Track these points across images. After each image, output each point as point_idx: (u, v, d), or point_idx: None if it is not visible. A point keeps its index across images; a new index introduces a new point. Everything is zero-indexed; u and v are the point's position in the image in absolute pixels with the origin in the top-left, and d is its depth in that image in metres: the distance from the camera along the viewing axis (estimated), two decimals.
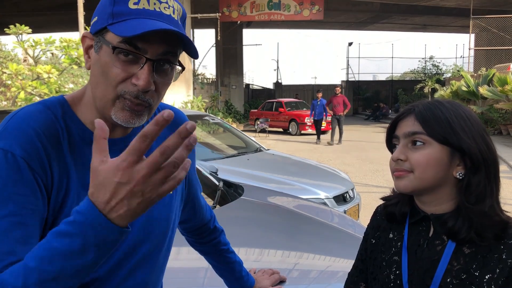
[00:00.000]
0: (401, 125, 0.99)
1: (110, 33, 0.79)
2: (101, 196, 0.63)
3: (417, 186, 0.94)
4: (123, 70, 0.79)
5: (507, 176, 8.17)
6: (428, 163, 0.93)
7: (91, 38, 0.85)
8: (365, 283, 1.14)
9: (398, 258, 1.02)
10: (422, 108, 0.96)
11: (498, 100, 13.70)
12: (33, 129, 0.78)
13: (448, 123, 0.93)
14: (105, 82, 0.80)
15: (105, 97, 0.81)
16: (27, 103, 6.01)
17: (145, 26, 0.76)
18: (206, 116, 5.99)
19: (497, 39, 18.98)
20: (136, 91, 0.80)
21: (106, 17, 0.80)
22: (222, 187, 2.65)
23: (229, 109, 22.37)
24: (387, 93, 31.81)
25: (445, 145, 0.93)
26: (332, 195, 4.07)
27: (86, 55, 0.86)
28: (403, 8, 24.11)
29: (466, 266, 0.91)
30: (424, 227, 1.00)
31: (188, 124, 0.60)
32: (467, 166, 0.93)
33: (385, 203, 1.10)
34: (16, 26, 6.46)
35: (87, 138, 0.85)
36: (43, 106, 0.84)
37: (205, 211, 1.25)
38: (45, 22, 23.18)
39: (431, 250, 0.97)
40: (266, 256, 1.92)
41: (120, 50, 0.78)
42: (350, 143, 13.72)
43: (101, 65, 0.81)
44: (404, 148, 0.96)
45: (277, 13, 18.40)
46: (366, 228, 1.17)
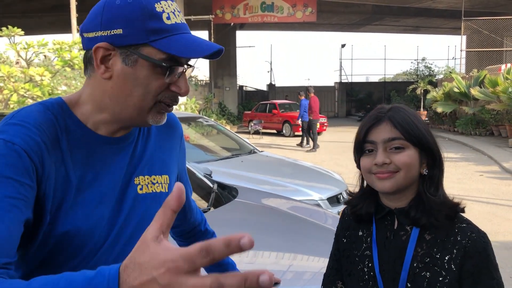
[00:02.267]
0: (376, 131, 1.06)
1: (150, 48, 0.83)
2: (131, 278, 0.53)
3: (401, 184, 1.04)
4: (165, 81, 0.86)
5: (499, 176, 8.24)
6: (411, 163, 1.03)
7: (109, 48, 0.83)
8: (341, 281, 1.21)
9: (369, 252, 1.12)
10: (393, 116, 1.06)
11: (490, 101, 13.82)
12: (33, 126, 0.81)
13: (416, 127, 1.05)
14: (144, 94, 0.85)
15: (142, 106, 0.86)
16: (19, 105, 5.98)
17: (200, 50, 0.84)
18: (199, 118, 6.00)
19: (488, 41, 19.13)
20: (176, 96, 0.89)
21: (145, 34, 0.82)
22: (216, 189, 2.65)
23: (223, 111, 22.36)
24: (380, 94, 31.93)
25: (417, 147, 1.04)
26: (326, 197, 4.09)
27: (102, 66, 0.85)
28: (395, 10, 24.24)
29: (428, 250, 1.03)
30: (389, 221, 1.11)
31: (245, 239, 0.50)
32: (429, 163, 1.06)
33: (351, 209, 1.17)
34: (8, 28, 6.42)
35: (87, 137, 0.88)
36: (43, 106, 0.86)
37: (196, 213, 1.27)
38: (37, 24, 23.05)
39: (398, 240, 1.08)
40: (260, 258, 1.92)
41: (170, 69, 0.84)
42: (343, 144, 13.76)
43: (137, 77, 0.84)
44: (385, 152, 1.04)
45: (270, 15, 18.44)
46: (336, 229, 1.25)
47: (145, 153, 0.99)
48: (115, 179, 0.92)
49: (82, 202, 0.86)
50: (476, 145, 12.05)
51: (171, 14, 0.85)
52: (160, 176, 1.01)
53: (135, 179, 0.95)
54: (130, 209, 0.94)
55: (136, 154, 0.97)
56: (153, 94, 0.86)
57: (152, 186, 0.98)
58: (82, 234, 0.86)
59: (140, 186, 0.96)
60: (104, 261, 0.90)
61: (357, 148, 1.11)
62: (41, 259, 0.86)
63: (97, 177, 0.89)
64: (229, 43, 25.28)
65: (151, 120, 0.89)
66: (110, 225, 0.90)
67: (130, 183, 0.94)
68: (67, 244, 0.85)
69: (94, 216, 0.87)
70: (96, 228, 0.88)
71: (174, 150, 1.08)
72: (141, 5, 0.82)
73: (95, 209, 0.88)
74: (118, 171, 0.92)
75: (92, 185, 0.88)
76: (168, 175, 1.04)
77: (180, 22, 0.86)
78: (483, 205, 5.98)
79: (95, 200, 0.88)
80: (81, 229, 0.85)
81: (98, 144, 0.90)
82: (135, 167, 0.96)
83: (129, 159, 0.95)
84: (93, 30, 0.84)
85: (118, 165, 0.93)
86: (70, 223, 0.84)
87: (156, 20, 0.82)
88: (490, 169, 9.05)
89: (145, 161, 0.98)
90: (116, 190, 0.92)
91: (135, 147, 0.97)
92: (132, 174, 0.95)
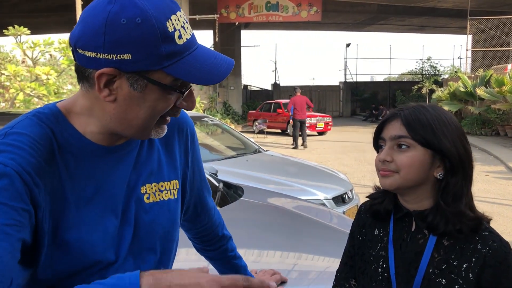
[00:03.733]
0: (388, 128, 1.05)
1: (161, 73, 0.77)
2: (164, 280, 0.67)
3: (401, 184, 1.02)
4: (173, 101, 0.82)
5: (505, 176, 8.21)
6: (412, 165, 1.00)
7: (114, 74, 0.76)
8: (355, 278, 1.19)
9: (385, 252, 1.09)
10: (407, 113, 1.03)
11: (496, 101, 13.76)
12: (27, 145, 0.76)
13: (431, 128, 1.00)
14: (152, 115, 0.81)
15: (148, 126, 0.83)
16: (25, 104, 6.01)
17: (214, 76, 0.81)
18: (204, 118, 6.00)
19: (494, 40, 19.03)
20: (177, 111, 0.86)
21: (157, 59, 0.75)
22: (222, 188, 2.65)
23: (227, 110, 22.36)
24: (385, 94, 31.83)
25: (427, 148, 1.00)
26: (331, 196, 4.08)
27: (106, 89, 0.77)
28: (401, 9, 24.15)
29: (446, 256, 1.00)
30: (407, 223, 1.08)
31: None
32: (446, 168, 1.01)
33: (370, 202, 1.16)
34: (14, 28, 6.46)
35: (85, 148, 0.84)
36: (38, 119, 0.81)
37: (212, 215, 1.21)
38: (43, 23, 23.14)
39: (414, 243, 1.05)
40: (265, 257, 1.92)
41: (182, 92, 0.81)
42: (348, 144, 13.74)
43: (146, 100, 0.79)
44: (390, 150, 1.03)
45: (275, 14, 18.43)
46: (352, 225, 1.23)
47: (151, 159, 0.94)
48: (118, 190, 0.87)
49: (83, 219, 0.82)
50: (481, 145, 12.00)
51: (182, 30, 0.77)
52: (168, 182, 0.96)
53: (142, 188, 0.91)
54: (137, 220, 0.90)
55: (140, 161, 0.92)
56: (160, 114, 0.82)
57: (159, 194, 0.94)
58: (87, 250, 0.82)
59: (147, 195, 0.92)
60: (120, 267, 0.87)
61: (374, 142, 1.10)
62: (53, 277, 0.82)
63: (98, 190, 0.85)
64: (234, 42, 25.28)
65: (154, 135, 0.86)
66: (118, 238, 0.87)
67: (136, 193, 0.90)
68: (75, 261, 0.82)
69: (97, 230, 0.83)
70: (102, 242, 0.84)
71: (183, 151, 1.03)
72: (152, 27, 0.73)
73: (98, 224, 0.84)
74: (120, 181, 0.88)
75: (93, 199, 0.84)
76: (178, 179, 0.99)
77: (189, 37, 0.79)
78: (489, 206, 5.95)
79: (97, 214, 0.84)
80: (85, 245, 0.82)
81: (98, 154, 0.85)
82: (139, 175, 0.91)
83: (132, 167, 0.90)
84: (94, 50, 0.74)
85: (121, 175, 0.88)
86: (73, 241, 0.80)
87: (169, 43, 0.75)
88: (496, 169, 9.01)
89: (151, 168, 0.93)
90: (120, 201, 0.88)
91: (138, 153, 0.92)
92: (138, 183, 0.91)
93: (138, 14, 0.72)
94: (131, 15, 0.72)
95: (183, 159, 1.03)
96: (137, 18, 0.72)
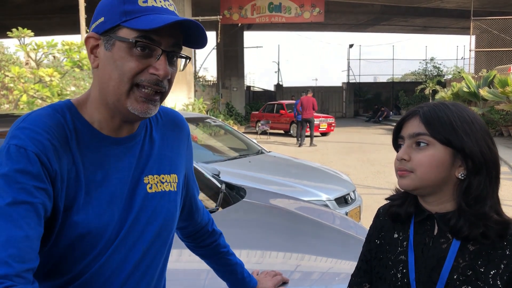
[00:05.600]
0: (406, 126, 1.01)
1: (124, 29, 0.86)
2: None
3: (418, 185, 0.97)
4: (140, 62, 0.86)
5: (509, 177, 8.17)
6: (430, 164, 0.95)
7: (97, 38, 0.89)
8: (370, 283, 1.15)
9: (405, 257, 1.04)
10: (427, 109, 0.99)
11: (499, 102, 13.70)
12: (43, 130, 0.83)
13: (451, 125, 0.95)
14: (120, 76, 0.86)
15: (119, 89, 0.87)
16: (29, 106, 6.03)
17: (161, 20, 0.84)
18: (207, 119, 6.01)
19: (497, 41, 18.97)
20: (155, 80, 0.87)
21: (118, 16, 0.86)
22: (224, 189, 2.66)
23: (230, 111, 22.38)
24: (388, 94, 31.78)
25: (448, 147, 0.95)
26: (334, 197, 4.08)
27: (92, 55, 0.90)
28: (404, 10, 24.11)
29: (471, 262, 0.94)
30: (428, 226, 1.03)
31: None
32: (469, 167, 0.95)
33: (389, 204, 1.11)
34: (18, 30, 6.49)
35: (95, 138, 0.91)
36: (52, 109, 0.88)
37: (203, 213, 1.27)
38: (46, 25, 23.22)
39: (437, 248, 0.99)
40: (268, 257, 1.93)
41: (139, 44, 0.85)
42: (351, 145, 13.72)
43: (115, 60, 0.86)
44: (408, 149, 0.99)
45: (278, 16, 18.42)
46: (369, 229, 1.18)
47: (152, 153, 1.00)
48: (124, 179, 0.93)
49: (92, 202, 0.88)
50: None
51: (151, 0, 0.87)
52: (169, 175, 1.02)
53: (145, 178, 0.97)
54: (140, 208, 0.95)
55: (143, 154, 0.98)
56: (128, 75, 0.86)
57: (161, 185, 1.00)
58: (93, 233, 0.87)
59: (149, 185, 0.97)
60: (114, 258, 0.91)
61: (394, 142, 1.06)
62: (54, 258, 0.87)
63: (107, 177, 0.91)
64: (237, 43, 25.31)
65: (131, 107, 0.88)
66: (121, 223, 0.92)
67: (140, 182, 0.96)
68: (79, 243, 0.87)
69: (105, 215, 0.89)
70: (107, 227, 0.89)
71: (181, 149, 1.09)
72: None
73: (106, 209, 0.89)
74: (126, 171, 0.94)
75: (102, 185, 0.89)
76: (177, 174, 1.05)
77: (160, 6, 0.88)
78: None
79: (105, 199, 0.89)
80: (93, 228, 0.87)
81: (106, 144, 0.92)
82: (143, 166, 0.98)
83: (136, 159, 0.97)
84: (90, 27, 0.91)
85: (126, 165, 0.94)
86: (81, 222, 0.86)
87: (131, 3, 0.86)
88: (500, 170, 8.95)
89: (153, 161, 1.00)
90: (125, 190, 0.93)
91: (142, 147, 0.99)
92: (141, 174, 0.97)
93: None
94: None
95: (183, 157, 1.09)
96: None
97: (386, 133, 18.15)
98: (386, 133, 18.15)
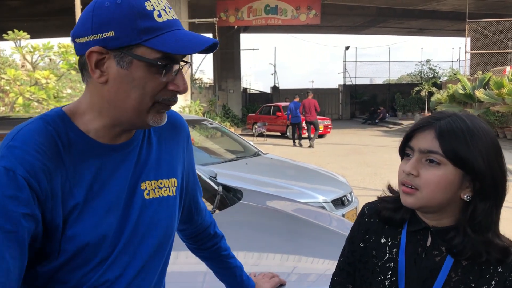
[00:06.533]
0: (418, 138, 0.95)
1: (143, 48, 0.82)
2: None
3: (424, 204, 0.94)
4: (162, 81, 0.85)
5: None
6: (438, 185, 0.91)
7: (102, 52, 0.82)
8: (352, 285, 1.13)
9: (394, 265, 1.01)
10: (443, 124, 0.92)
11: (495, 103, 13.77)
12: (33, 149, 0.80)
13: (467, 146, 0.90)
14: (142, 95, 0.84)
15: (141, 107, 0.85)
16: (25, 108, 6.02)
17: (192, 44, 0.83)
18: (204, 121, 6.01)
19: (493, 43, 19.06)
20: (173, 96, 0.88)
21: (136, 34, 0.80)
22: (221, 191, 2.66)
23: (227, 114, 22.37)
24: (384, 96, 31.83)
25: (459, 168, 0.91)
26: (330, 199, 4.08)
27: (97, 70, 0.84)
28: (400, 12, 24.20)
29: (463, 277, 0.93)
30: (422, 236, 1.00)
31: None
32: (476, 189, 0.92)
33: (381, 206, 1.07)
34: (14, 32, 6.47)
35: (90, 147, 0.88)
36: (43, 122, 0.85)
37: (205, 216, 1.26)
38: (43, 27, 23.16)
39: (430, 260, 0.97)
40: (265, 259, 1.93)
41: (164, 66, 0.83)
42: (347, 146, 13.74)
43: (134, 79, 0.83)
44: (417, 163, 0.94)
45: (274, 18, 18.46)
46: (352, 227, 1.14)
47: (150, 158, 0.98)
48: (121, 187, 0.91)
49: (89, 213, 0.86)
50: None
51: (162, 11, 0.83)
52: (167, 180, 1.00)
53: (142, 185, 0.95)
54: (138, 215, 0.93)
55: (141, 159, 0.96)
56: (150, 94, 0.85)
57: (159, 191, 0.98)
58: (91, 243, 0.86)
59: (147, 191, 0.95)
60: (115, 267, 0.90)
61: (401, 149, 1.00)
62: (54, 268, 0.86)
63: (104, 186, 0.89)
64: (233, 45, 25.32)
65: (151, 121, 0.88)
66: (119, 232, 0.90)
67: (137, 189, 0.94)
68: (78, 254, 0.85)
69: (102, 225, 0.87)
70: (106, 237, 0.88)
71: (181, 152, 1.07)
72: (130, 5, 0.81)
73: (103, 219, 0.88)
74: (123, 178, 0.92)
75: (99, 194, 0.88)
76: (176, 178, 1.03)
77: (172, 18, 0.85)
78: None
79: (102, 209, 0.88)
80: (91, 239, 0.86)
81: (102, 153, 0.89)
82: (140, 172, 0.95)
83: (134, 165, 0.94)
84: (85, 35, 0.83)
85: (124, 172, 0.92)
86: (78, 234, 0.84)
87: (147, 19, 0.81)
88: None
89: (151, 166, 0.97)
90: (123, 197, 0.91)
91: (140, 152, 0.96)
92: (138, 180, 0.94)
93: None
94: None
95: (181, 159, 1.07)
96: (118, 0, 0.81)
97: (383, 134, 18.19)
98: (383, 134, 18.19)
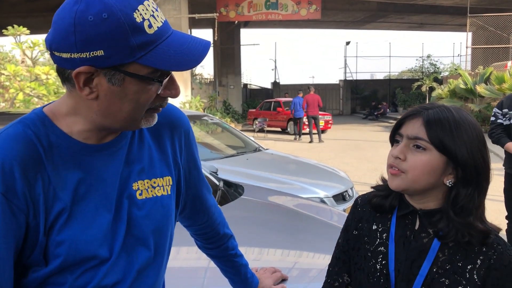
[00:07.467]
0: (407, 125, 1.02)
1: (136, 65, 0.77)
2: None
3: (408, 186, 1.00)
4: (155, 92, 0.82)
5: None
6: (423, 169, 0.97)
7: (91, 71, 0.76)
8: (348, 273, 1.16)
9: (384, 248, 1.07)
10: (431, 113, 0.99)
11: (496, 98, 13.72)
12: (10, 159, 0.77)
13: (451, 134, 0.96)
14: (136, 107, 0.82)
15: (135, 118, 0.84)
16: (25, 104, 6.01)
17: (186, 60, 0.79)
18: (204, 116, 6.00)
19: (494, 37, 19.00)
20: (164, 101, 0.86)
21: (129, 52, 0.75)
22: (222, 186, 2.65)
23: (227, 109, 22.36)
24: (385, 92, 31.80)
25: (443, 155, 0.97)
26: (332, 194, 4.08)
27: (87, 88, 0.78)
28: (400, 7, 24.12)
29: (450, 257, 0.99)
30: (410, 220, 1.06)
31: None
32: (458, 176, 0.98)
33: (372, 194, 1.13)
34: (14, 28, 6.45)
35: (74, 149, 0.85)
36: (23, 125, 0.82)
37: (212, 214, 1.21)
38: (42, 23, 23.02)
39: (418, 241, 1.03)
40: (266, 255, 1.93)
41: (159, 80, 0.81)
42: (348, 142, 13.74)
43: (126, 94, 0.79)
44: (405, 148, 1.00)
45: (275, 13, 18.40)
46: (347, 218, 1.20)
47: (142, 156, 0.94)
48: (110, 187, 0.88)
49: (78, 216, 0.83)
50: None
51: (152, 18, 0.77)
52: (161, 179, 0.96)
53: (134, 185, 0.91)
54: (130, 217, 0.90)
55: (131, 158, 0.92)
56: (144, 106, 0.82)
57: (152, 190, 0.94)
58: (80, 247, 0.83)
59: (139, 191, 0.92)
60: (112, 272, 0.88)
61: (391, 136, 1.06)
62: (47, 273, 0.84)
63: (90, 188, 0.85)
64: (233, 41, 25.27)
65: (143, 124, 0.86)
66: (112, 234, 0.87)
67: (128, 189, 0.90)
68: (70, 258, 0.83)
69: (93, 228, 0.85)
70: (96, 239, 0.85)
71: (177, 148, 1.03)
72: (118, 20, 0.73)
73: (93, 221, 0.85)
74: (112, 179, 0.88)
75: (86, 196, 0.85)
76: (171, 176, 0.99)
77: (161, 24, 0.79)
78: (489, 203, 5.86)
79: (91, 211, 0.85)
80: (80, 243, 0.83)
81: (87, 153, 0.86)
82: (131, 171, 0.91)
83: (123, 164, 0.90)
84: (67, 50, 0.75)
85: (111, 173, 0.88)
86: (67, 239, 0.82)
87: (139, 34, 0.75)
88: (496, 166, 8.92)
89: (143, 165, 0.93)
90: (113, 199, 0.88)
91: (129, 150, 0.92)
92: (129, 180, 0.91)
93: (103, 9, 0.73)
94: (96, 11, 0.73)
95: (177, 156, 1.03)
96: (103, 14, 0.73)
97: (383, 130, 18.17)
98: (383, 130, 18.17)
